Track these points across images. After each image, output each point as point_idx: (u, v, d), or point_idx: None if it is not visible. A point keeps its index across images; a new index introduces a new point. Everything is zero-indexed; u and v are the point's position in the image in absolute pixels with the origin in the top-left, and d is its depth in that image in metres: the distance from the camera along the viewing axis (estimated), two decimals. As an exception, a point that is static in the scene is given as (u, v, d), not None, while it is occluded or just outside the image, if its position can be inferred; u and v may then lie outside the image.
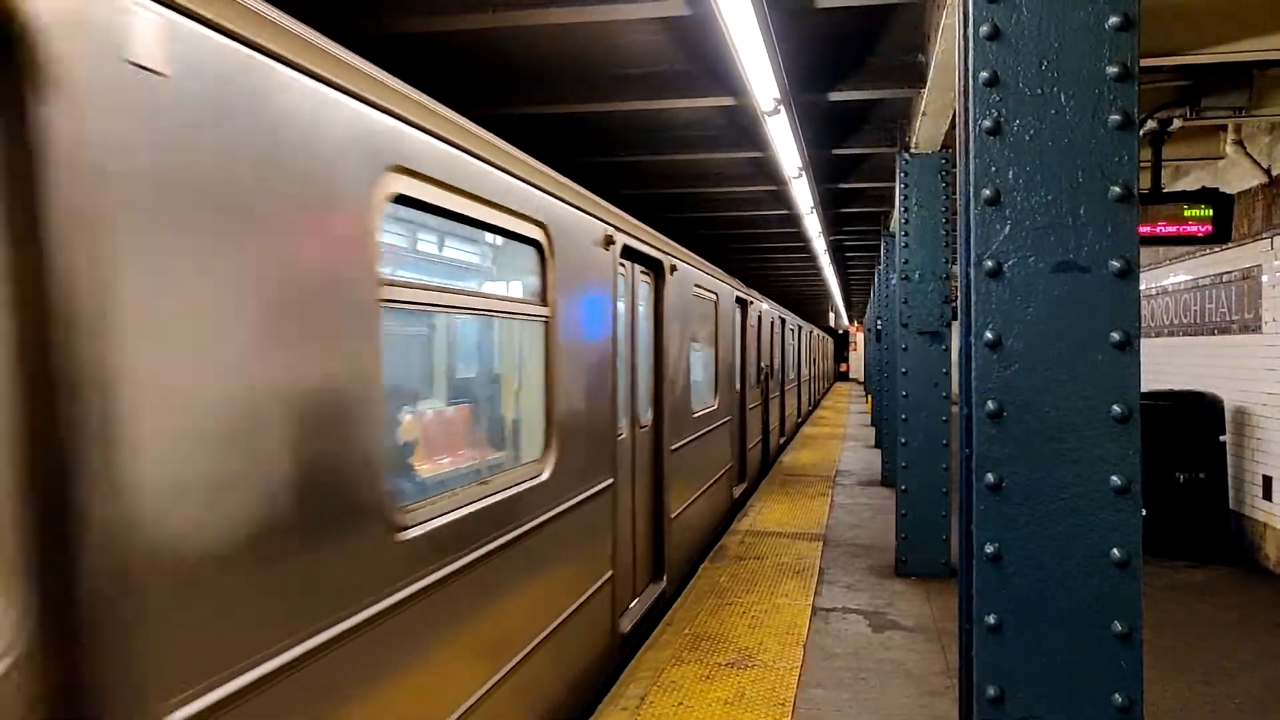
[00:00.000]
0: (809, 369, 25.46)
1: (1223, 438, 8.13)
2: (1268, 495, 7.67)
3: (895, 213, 8.05)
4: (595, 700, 4.88)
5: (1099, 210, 1.88)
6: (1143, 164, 5.28)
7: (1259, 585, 7.27)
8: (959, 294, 2.07)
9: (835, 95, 6.58)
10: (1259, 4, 4.87)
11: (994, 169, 1.92)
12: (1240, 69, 6.10)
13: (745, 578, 7.29)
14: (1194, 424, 8.13)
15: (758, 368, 13.08)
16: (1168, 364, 9.50)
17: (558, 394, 4.26)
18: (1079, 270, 1.89)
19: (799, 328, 21.34)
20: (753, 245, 17.04)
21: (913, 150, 7.41)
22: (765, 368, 14.01)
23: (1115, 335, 1.87)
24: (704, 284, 8.39)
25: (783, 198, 10.75)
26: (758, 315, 12.80)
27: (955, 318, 4.56)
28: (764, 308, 13.68)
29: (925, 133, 6.90)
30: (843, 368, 54.22)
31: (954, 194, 7.29)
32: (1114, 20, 1.85)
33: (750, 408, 12.04)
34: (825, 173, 9.84)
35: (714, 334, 9.13)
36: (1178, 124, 6.49)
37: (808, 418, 24.90)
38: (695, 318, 8.03)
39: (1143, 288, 7.42)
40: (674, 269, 6.99)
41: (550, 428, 4.24)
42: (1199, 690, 5.14)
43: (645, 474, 6.40)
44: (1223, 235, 6.84)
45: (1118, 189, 1.86)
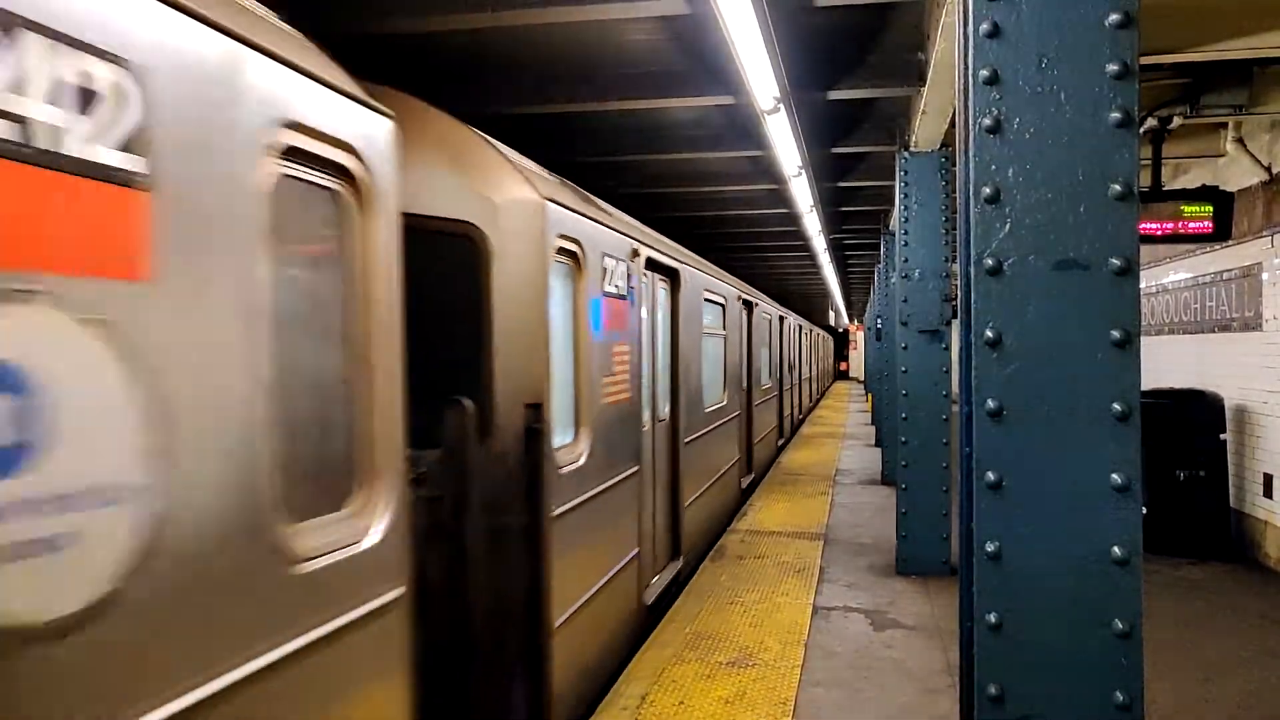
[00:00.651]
0: (809, 368, 25.67)
1: (1223, 436, 8.12)
2: (1268, 493, 7.67)
3: (895, 211, 8.04)
4: (621, 665, 5.38)
5: (1099, 208, 1.87)
6: (1143, 162, 5.27)
7: (1259, 583, 7.27)
8: (959, 292, 2.07)
9: (835, 94, 6.58)
10: (1259, 2, 4.87)
11: (994, 167, 1.92)
12: (1240, 67, 6.09)
13: (746, 576, 7.29)
14: (1194, 422, 8.12)
15: (764, 366, 13.73)
16: (1168, 362, 9.50)
17: (593, 391, 4.80)
18: (1079, 268, 1.88)
19: (799, 327, 21.46)
20: (752, 244, 17.04)
21: (912, 149, 7.40)
22: (771, 365, 14.66)
23: (1115, 333, 1.87)
24: (714, 289, 8.97)
25: (782, 196, 10.74)
26: (764, 317, 13.56)
27: (955, 316, 4.56)
28: (768, 309, 14.31)
29: (925, 131, 6.89)
30: (843, 366, 54.21)
31: (954, 192, 7.28)
32: (1114, 18, 1.85)
33: (756, 404, 12.70)
34: (825, 171, 9.83)
35: (723, 335, 9.68)
36: (1178, 122, 6.48)
37: (809, 415, 25.02)
38: (706, 320, 8.61)
39: (1143, 286, 7.43)
40: (688, 277, 7.55)
41: (580, 422, 4.68)
42: (1199, 688, 5.14)
43: (664, 463, 6.91)
44: (1223, 233, 6.84)
45: (1118, 187, 1.86)
